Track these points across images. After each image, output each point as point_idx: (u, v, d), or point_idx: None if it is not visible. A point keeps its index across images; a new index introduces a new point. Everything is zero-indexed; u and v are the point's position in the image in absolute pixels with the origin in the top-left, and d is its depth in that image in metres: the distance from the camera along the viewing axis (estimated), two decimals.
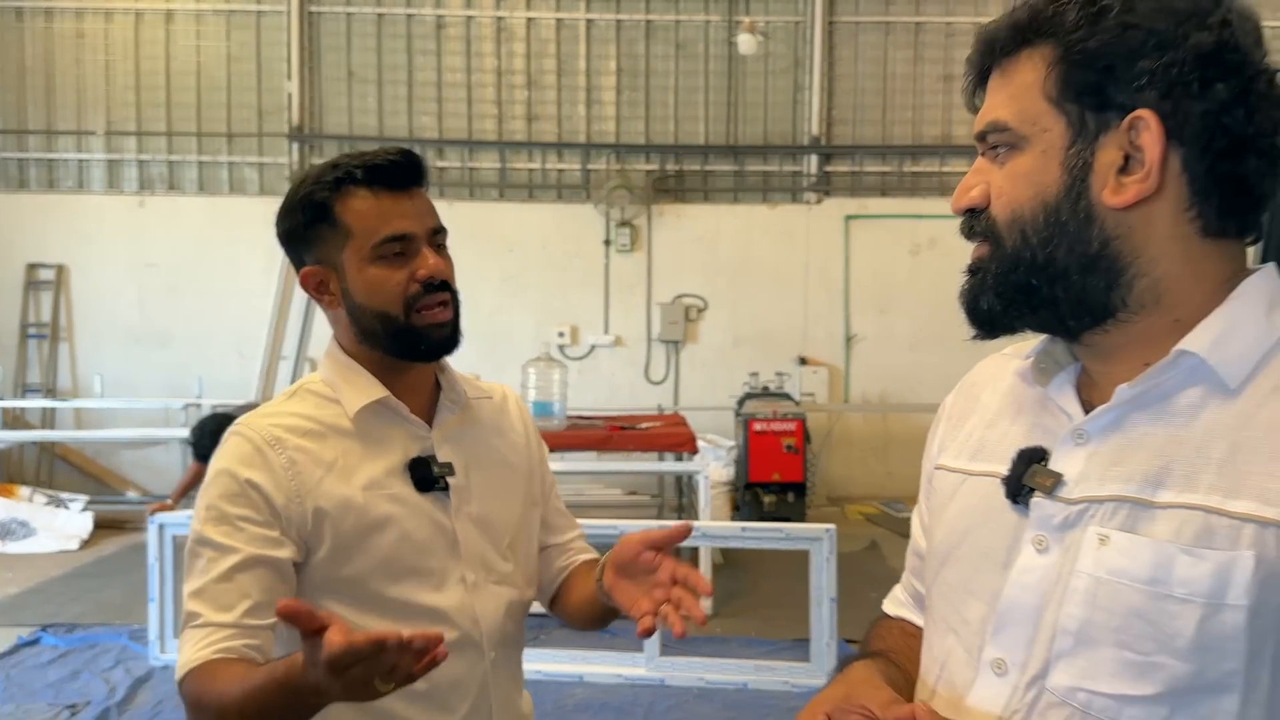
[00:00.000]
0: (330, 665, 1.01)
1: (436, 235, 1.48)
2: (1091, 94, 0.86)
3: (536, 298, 9.56)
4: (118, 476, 9.38)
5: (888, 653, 1.11)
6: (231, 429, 1.44)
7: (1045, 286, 0.89)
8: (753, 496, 7.94)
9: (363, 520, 1.40)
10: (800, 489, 7.93)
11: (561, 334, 9.51)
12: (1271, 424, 0.82)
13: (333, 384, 1.48)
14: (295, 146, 9.47)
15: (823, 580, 4.62)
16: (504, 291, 9.52)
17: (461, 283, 1.62)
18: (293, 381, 3.24)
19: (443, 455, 1.50)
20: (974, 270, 0.95)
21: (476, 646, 1.47)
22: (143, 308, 9.42)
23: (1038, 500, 0.90)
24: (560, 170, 9.70)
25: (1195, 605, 0.80)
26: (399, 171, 1.43)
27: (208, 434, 5.46)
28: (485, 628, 1.48)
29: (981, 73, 0.97)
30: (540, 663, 4.93)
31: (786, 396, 8.54)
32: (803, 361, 9.35)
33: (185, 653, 1.30)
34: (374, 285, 1.43)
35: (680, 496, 7.45)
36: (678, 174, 9.65)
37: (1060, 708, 0.86)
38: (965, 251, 1.00)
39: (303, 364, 7.72)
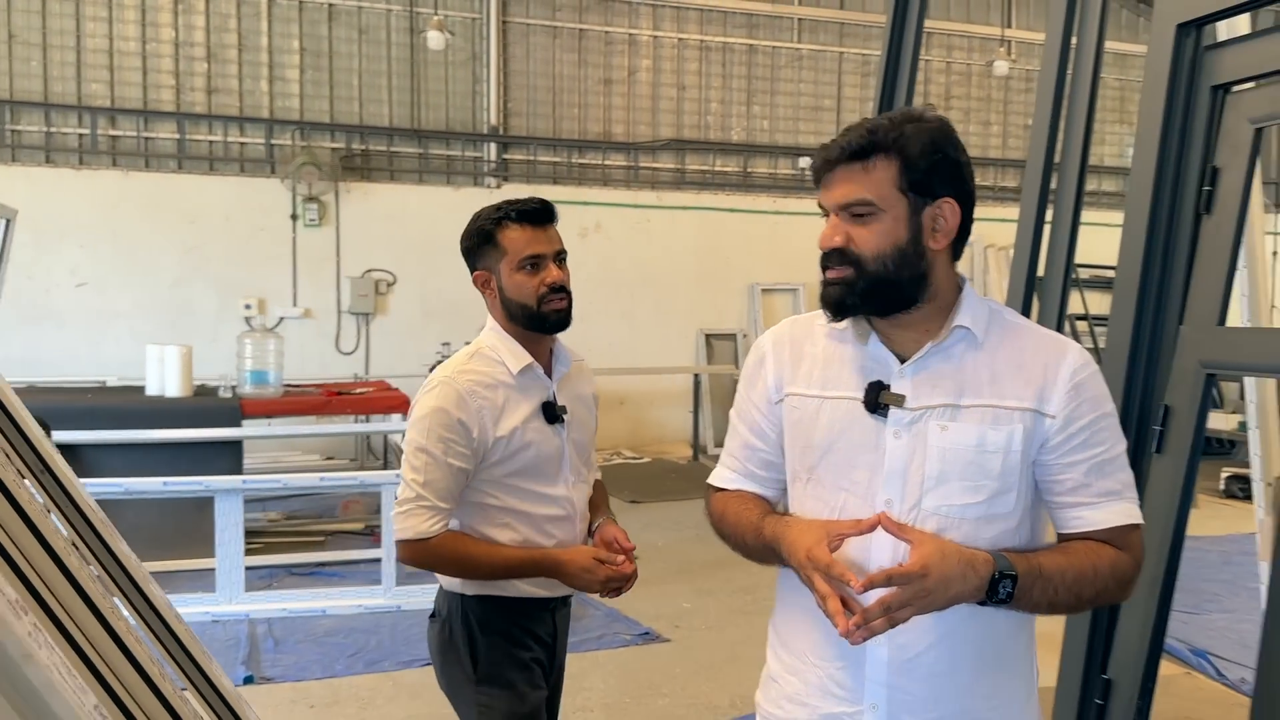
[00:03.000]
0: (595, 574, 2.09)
1: (559, 255, 2.21)
2: (921, 188, 1.46)
3: (221, 270, 9.61)
4: None
5: (772, 509, 1.64)
6: (441, 379, 2.15)
7: (891, 292, 1.47)
8: None
9: (519, 443, 2.16)
10: None
11: (248, 306, 9.65)
12: (1008, 359, 1.48)
13: (496, 349, 2.21)
14: None
15: None
16: (186, 264, 9.49)
17: (138, 255, 2.39)
18: None
19: (559, 400, 2.25)
20: (835, 283, 1.49)
21: (572, 520, 2.24)
22: None
23: (894, 412, 1.48)
24: (243, 144, 9.79)
25: (999, 454, 1.45)
26: (538, 214, 2.18)
27: None
28: (579, 509, 2.26)
29: (834, 165, 1.48)
30: (284, 603, 5.46)
31: None
32: None
33: (414, 525, 2.08)
34: (519, 286, 2.18)
35: (386, 455, 8.06)
36: (364, 153, 10.09)
37: (933, 517, 1.46)
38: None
39: None
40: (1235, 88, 2.26)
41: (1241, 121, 2.21)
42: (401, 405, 6.96)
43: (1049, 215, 2.69)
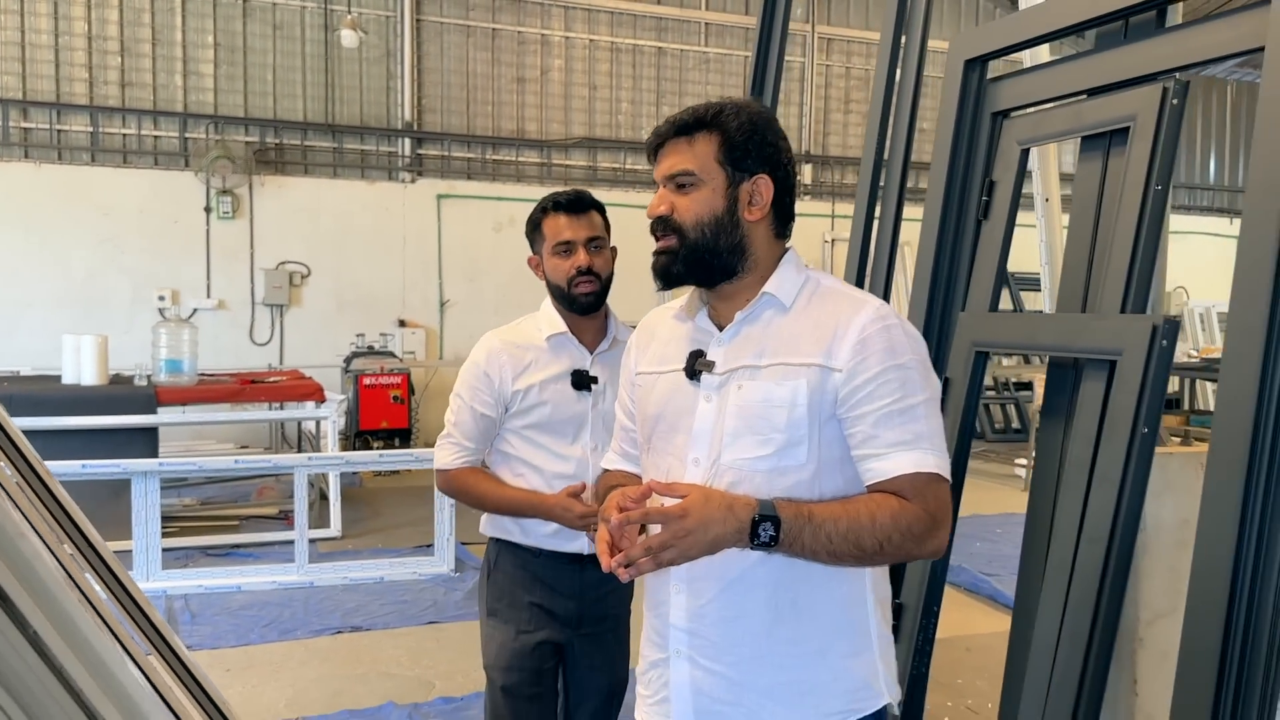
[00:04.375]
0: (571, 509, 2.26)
1: (592, 241, 2.36)
2: (738, 163, 1.56)
3: (134, 262, 9.70)
4: None
5: (623, 482, 1.73)
6: (484, 337, 2.45)
7: (712, 259, 1.57)
8: (363, 443, 8.98)
9: (534, 399, 2.38)
10: (406, 434, 9.11)
11: (162, 297, 9.76)
12: (810, 321, 1.55)
13: (538, 317, 2.45)
14: None
15: None
16: (99, 255, 9.57)
17: (52, 247, 2.65)
18: None
19: (594, 371, 2.41)
20: (663, 252, 1.60)
21: (583, 481, 2.36)
22: None
23: (705, 377, 1.59)
24: (157, 137, 9.89)
25: (784, 408, 1.51)
26: (573, 204, 2.38)
27: None
28: (594, 475, 2.35)
29: (661, 141, 1.61)
30: (200, 579, 5.71)
31: (391, 354, 9.65)
32: (402, 323, 10.47)
33: (441, 456, 2.41)
34: (554, 269, 2.37)
35: (300, 443, 8.29)
36: (278, 147, 10.25)
37: (729, 470, 1.53)
38: None
39: None
40: (1012, 114, 2.72)
41: (1012, 143, 2.67)
42: (314, 393, 7.22)
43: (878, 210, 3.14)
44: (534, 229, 2.43)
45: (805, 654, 1.53)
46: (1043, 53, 3.07)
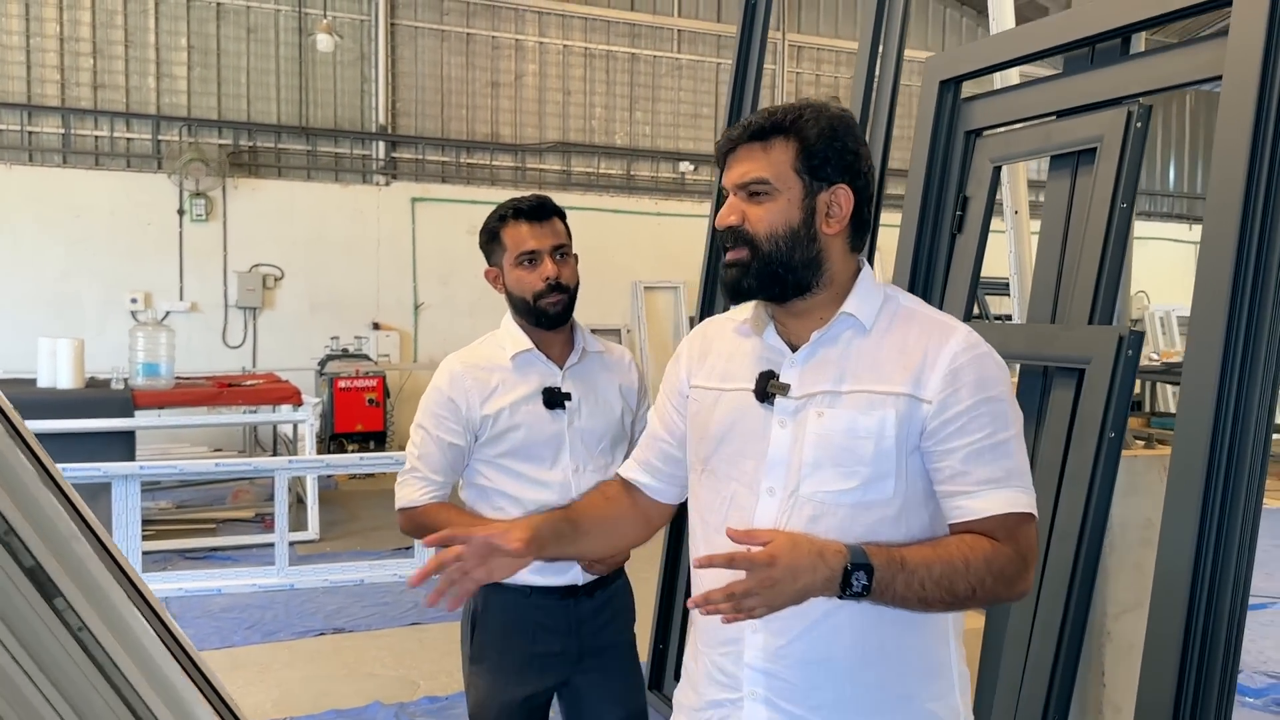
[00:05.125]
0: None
1: (557, 250, 2.19)
2: (816, 171, 1.47)
3: (106, 264, 9.65)
4: None
5: (570, 508, 1.72)
6: (444, 360, 2.26)
7: (785, 274, 1.47)
8: (338, 446, 9.01)
9: (506, 423, 2.18)
10: (381, 437, 9.14)
11: (135, 300, 9.72)
12: (893, 345, 1.45)
13: (501, 335, 2.27)
14: None
15: None
16: (71, 258, 9.52)
17: (23, 249, 2.56)
18: None
19: (565, 386, 2.23)
20: (733, 265, 1.49)
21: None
22: None
23: (780, 400, 1.47)
24: (130, 139, 9.85)
25: (870, 439, 1.41)
26: (535, 210, 2.20)
27: None
28: (578, 494, 2.15)
29: (733, 146, 1.51)
30: (180, 582, 5.74)
31: (365, 357, 9.67)
32: (376, 326, 10.50)
33: (405, 494, 2.18)
34: (518, 281, 2.20)
35: (275, 447, 8.30)
36: (251, 150, 10.25)
37: (808, 504, 1.43)
38: None
39: None
40: (984, 133, 2.85)
41: (985, 160, 2.80)
42: (292, 396, 7.25)
43: None
44: (491, 239, 2.25)
45: (890, 699, 1.45)
46: (1013, 74, 3.21)
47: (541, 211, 2.22)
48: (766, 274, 1.47)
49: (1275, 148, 1.97)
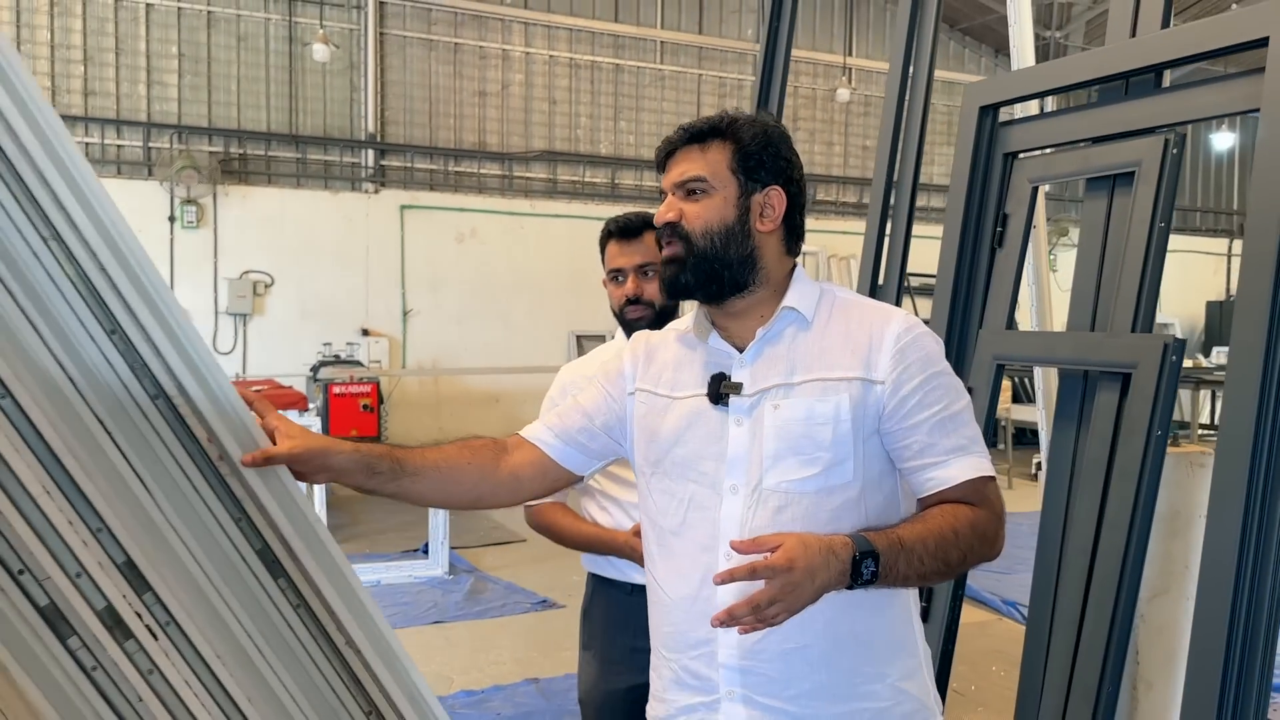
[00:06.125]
0: (633, 544, 2.10)
1: (641, 268, 2.32)
2: (751, 173, 1.53)
3: None
4: None
5: (405, 450, 1.59)
6: (561, 370, 2.42)
7: (721, 270, 1.52)
8: None
9: None
10: (375, 442, 9.22)
11: None
12: (837, 334, 1.52)
13: (608, 348, 2.42)
14: None
15: None
16: None
17: None
18: None
19: None
20: (670, 261, 1.54)
21: None
22: None
23: (734, 400, 1.51)
24: (120, 146, 9.86)
25: (828, 425, 1.46)
26: (625, 229, 2.34)
27: None
28: None
29: (672, 149, 1.57)
30: None
31: (358, 363, 9.76)
32: (365, 332, 10.59)
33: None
34: (610, 295, 2.38)
35: None
36: (242, 157, 10.30)
37: (773, 495, 1.46)
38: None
39: None
40: (1021, 155, 3.08)
41: (1024, 180, 3.02)
42: (299, 402, 7.33)
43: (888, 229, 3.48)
44: (601, 252, 2.42)
45: (864, 681, 1.48)
46: (1048, 100, 3.45)
47: (629, 230, 2.35)
48: (703, 270, 1.52)
49: None
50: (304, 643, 1.57)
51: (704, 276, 1.52)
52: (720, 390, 1.52)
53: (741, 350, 1.55)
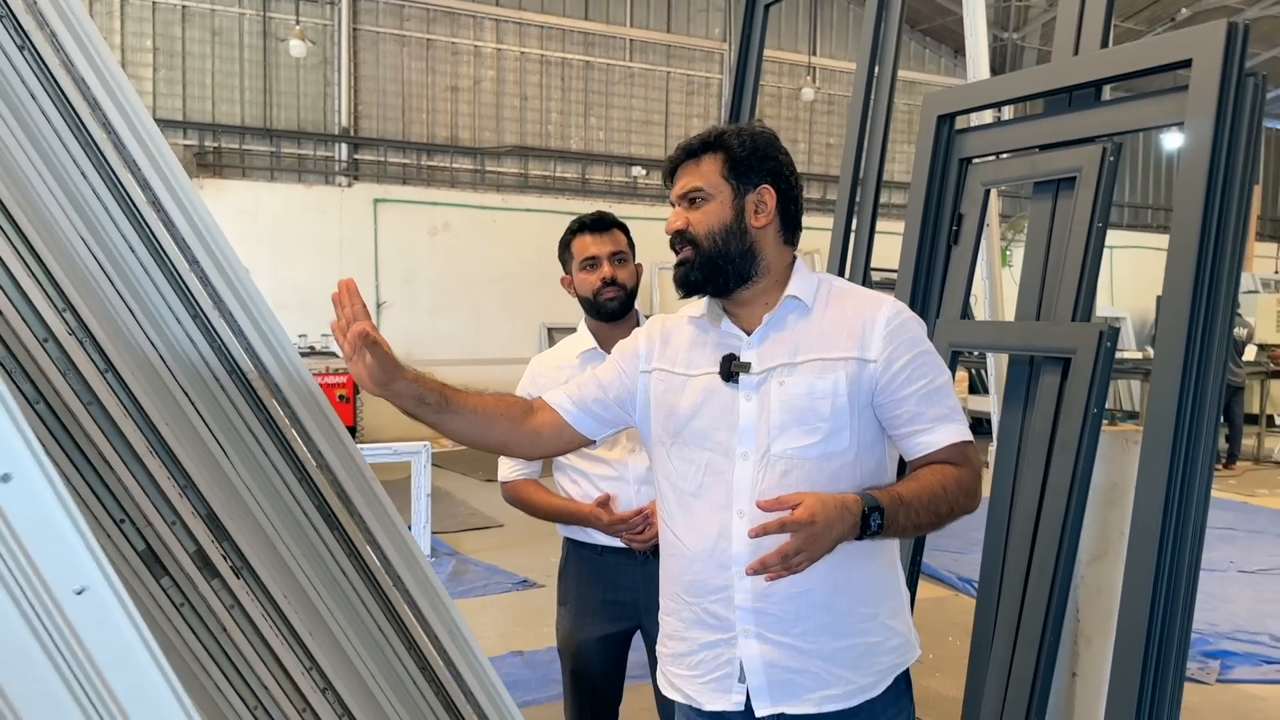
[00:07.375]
0: (600, 516, 2.42)
1: (615, 255, 2.53)
2: (742, 176, 1.72)
3: None
4: None
5: (454, 389, 1.79)
6: (531, 362, 2.64)
7: (725, 265, 1.70)
8: None
9: None
10: (352, 432, 9.40)
11: None
12: (834, 318, 1.70)
13: (572, 337, 2.62)
14: None
15: (421, 481, 6.31)
16: None
17: None
18: None
19: None
20: (682, 263, 1.74)
21: (625, 481, 2.52)
22: None
23: (743, 377, 1.69)
24: None
25: (827, 399, 1.64)
26: (597, 223, 2.56)
27: None
28: (634, 474, 2.52)
29: (674, 167, 1.78)
30: None
31: (333, 354, 9.91)
32: None
33: (500, 472, 2.59)
34: (582, 282, 2.54)
35: None
36: (216, 150, 10.39)
37: (780, 460, 1.65)
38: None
39: None
40: (975, 160, 3.36)
41: (977, 183, 3.30)
42: None
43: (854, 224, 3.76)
44: (564, 250, 2.61)
45: (858, 619, 1.68)
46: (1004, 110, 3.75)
47: (601, 224, 2.60)
48: (709, 267, 1.70)
49: (1227, 178, 2.50)
50: (355, 585, 1.81)
51: (711, 272, 1.71)
52: (731, 369, 1.70)
53: (749, 333, 1.73)
